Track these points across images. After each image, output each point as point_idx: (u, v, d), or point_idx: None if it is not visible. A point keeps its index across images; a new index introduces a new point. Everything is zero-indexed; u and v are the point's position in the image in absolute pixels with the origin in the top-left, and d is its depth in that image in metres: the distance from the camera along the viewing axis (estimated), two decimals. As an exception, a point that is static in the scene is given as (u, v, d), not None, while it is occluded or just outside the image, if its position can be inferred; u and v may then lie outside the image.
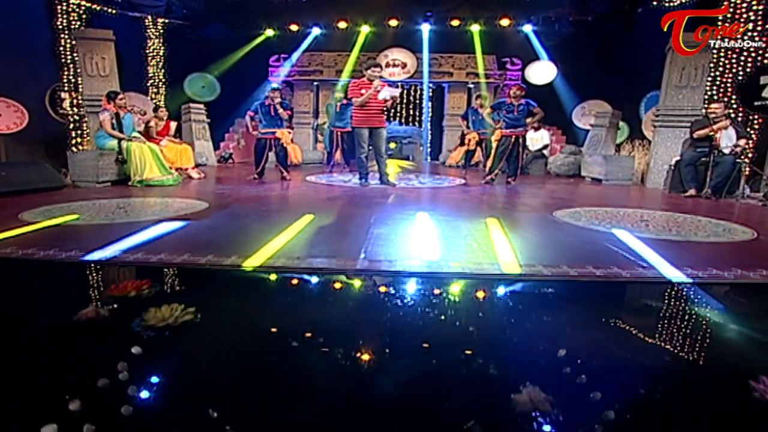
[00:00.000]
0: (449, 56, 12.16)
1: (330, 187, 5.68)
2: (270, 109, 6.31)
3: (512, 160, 6.37)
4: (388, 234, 2.92)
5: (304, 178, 6.78)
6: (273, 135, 6.37)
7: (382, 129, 5.70)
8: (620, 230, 3.18)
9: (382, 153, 5.79)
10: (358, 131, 5.69)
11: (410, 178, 6.97)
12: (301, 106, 12.97)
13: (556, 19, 10.78)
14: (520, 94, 6.14)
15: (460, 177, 7.41)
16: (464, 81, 12.10)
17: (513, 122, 6.18)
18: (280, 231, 2.86)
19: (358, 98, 5.53)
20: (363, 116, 5.60)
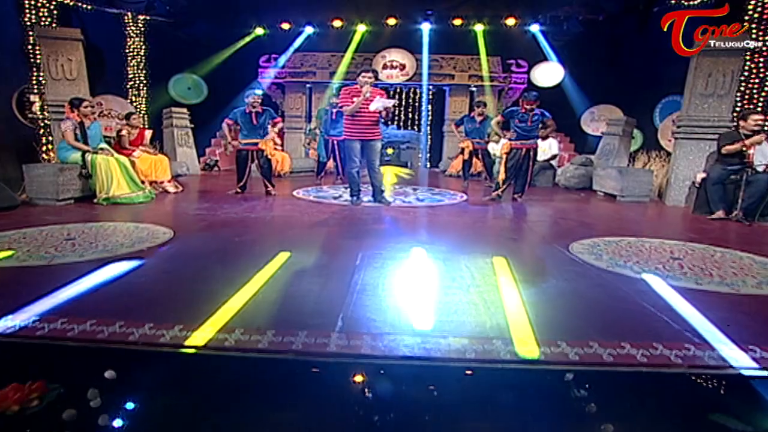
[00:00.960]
0: (450, 57, 11.76)
1: (317, 206, 5.26)
2: (251, 117, 5.89)
3: (521, 174, 5.95)
4: (375, 283, 2.49)
5: (291, 192, 6.35)
6: (255, 146, 5.95)
7: (376, 142, 5.28)
8: (652, 276, 2.76)
9: (375, 168, 5.37)
10: (349, 144, 5.28)
11: (407, 193, 6.55)
12: (293, 109, 12.56)
13: (564, 19, 10.38)
14: (534, 105, 5.73)
15: (460, 191, 7.00)
16: (466, 84, 11.70)
17: (525, 133, 5.77)
18: (247, 280, 2.44)
19: (348, 106, 5.11)
20: (354, 127, 5.19)
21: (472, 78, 11.64)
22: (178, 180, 6.59)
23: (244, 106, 5.94)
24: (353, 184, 5.43)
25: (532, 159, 5.92)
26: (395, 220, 4.47)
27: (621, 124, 7.96)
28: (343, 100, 5.21)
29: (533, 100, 5.73)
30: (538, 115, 5.74)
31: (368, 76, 5.08)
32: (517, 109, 5.90)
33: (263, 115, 5.97)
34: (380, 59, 11.83)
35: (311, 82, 12.36)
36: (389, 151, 12.52)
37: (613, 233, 4.03)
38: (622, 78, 9.93)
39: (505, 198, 6.04)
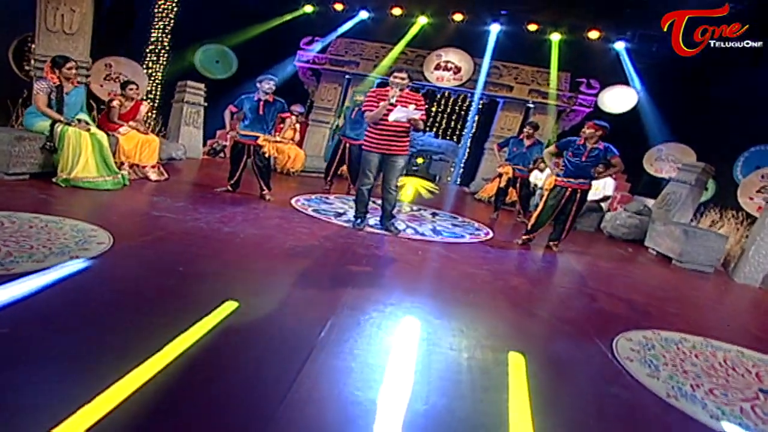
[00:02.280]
0: (514, 66, 10.90)
1: (311, 224, 4.59)
2: (259, 106, 5.26)
3: (561, 219, 5.14)
4: (332, 384, 1.79)
5: (289, 199, 5.71)
6: (254, 140, 5.32)
7: (399, 157, 4.57)
8: (734, 429, 1.96)
9: (391, 188, 4.67)
10: (366, 156, 4.61)
11: (423, 219, 5.81)
12: (324, 100, 11.95)
13: (657, 39, 9.34)
14: (596, 135, 4.90)
15: (487, 224, 6.23)
16: (524, 99, 10.84)
17: (576, 170, 4.96)
18: (143, 358, 1.76)
19: (371, 112, 4.42)
20: (375, 137, 4.51)
21: (533, 93, 10.76)
22: (165, 166, 6.03)
23: (254, 92, 5.33)
24: (360, 204, 4.74)
25: (578, 203, 5.09)
26: (397, 262, 3.75)
27: (696, 171, 6.99)
28: (368, 102, 4.52)
29: (599, 128, 4.90)
30: (600, 150, 4.91)
31: (400, 77, 4.36)
32: (575, 140, 5.09)
33: (273, 107, 5.35)
34: (434, 58, 11.09)
35: (352, 73, 11.70)
36: (419, 161, 11.81)
37: (670, 322, 3.22)
38: (705, 116, 8.90)
39: (539, 241, 5.24)
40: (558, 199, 5.08)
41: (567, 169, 5.03)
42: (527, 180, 6.93)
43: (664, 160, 9.59)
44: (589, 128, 4.94)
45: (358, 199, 4.74)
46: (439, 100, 12.85)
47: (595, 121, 5.02)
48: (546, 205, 5.18)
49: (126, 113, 5.88)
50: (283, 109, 5.49)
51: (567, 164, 5.03)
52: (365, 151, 4.61)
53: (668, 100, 9.46)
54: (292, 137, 8.58)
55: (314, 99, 12.17)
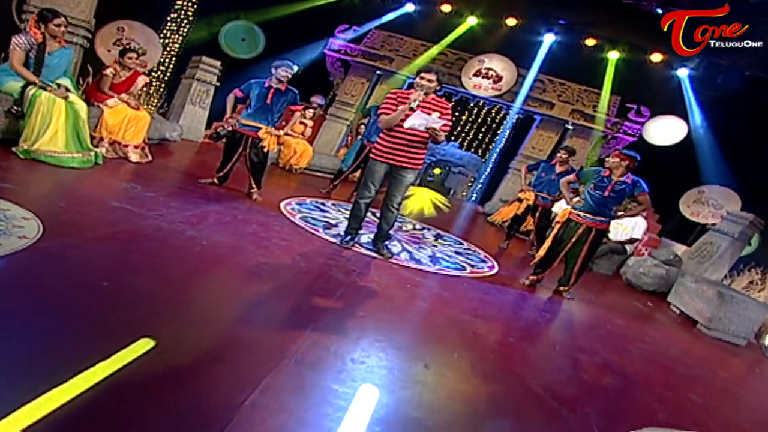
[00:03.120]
0: (560, 82, 10.32)
1: (293, 235, 4.15)
2: (268, 93, 4.84)
3: (573, 261, 4.63)
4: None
5: (280, 200, 5.29)
6: (254, 132, 4.91)
7: (409, 171, 4.07)
8: None
9: (393, 205, 4.20)
10: (371, 165, 4.15)
11: (423, 242, 5.34)
12: (348, 95, 11.51)
13: (725, 69, 8.67)
14: (622, 166, 4.37)
15: (494, 254, 5.75)
16: (564, 119, 10.25)
17: (595, 205, 4.46)
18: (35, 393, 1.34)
19: (387, 115, 3.95)
20: (386, 145, 4.04)
21: (575, 114, 10.18)
22: (154, 147, 5.67)
23: (266, 78, 4.91)
24: (354, 219, 4.29)
25: (590, 243, 4.57)
26: (377, 297, 3.28)
27: (743, 223, 6.38)
28: (385, 104, 4.00)
29: (626, 158, 4.36)
30: (627, 185, 4.39)
31: (427, 78, 3.86)
32: (599, 170, 4.58)
33: (284, 97, 4.93)
34: (475, 63, 10.55)
35: (384, 69, 11.22)
36: (436, 171, 11.34)
37: (694, 417, 2.71)
38: (760, 160, 8.22)
39: (547, 283, 4.75)
40: (569, 234, 4.59)
41: (586, 203, 4.53)
42: (549, 210, 6.38)
43: (704, 203, 8.94)
44: (615, 158, 4.43)
45: (353, 212, 4.29)
46: (471, 109, 12.33)
47: (623, 149, 4.49)
48: (555, 240, 4.70)
49: (120, 84, 5.52)
50: (294, 100, 5.06)
51: (587, 197, 4.54)
52: (372, 159, 4.15)
53: (726, 137, 8.79)
54: (302, 131, 8.19)
55: (337, 92, 11.75)
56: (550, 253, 4.73)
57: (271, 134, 4.99)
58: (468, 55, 10.65)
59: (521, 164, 10.41)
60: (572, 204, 4.72)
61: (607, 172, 4.51)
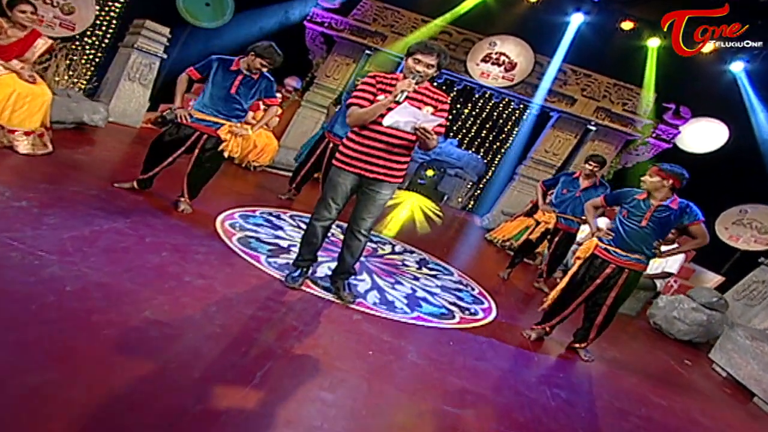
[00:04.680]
0: (586, 74, 9.46)
1: (217, 268, 3.32)
2: (234, 80, 4.00)
3: (595, 311, 3.90)
4: None
5: (219, 213, 4.45)
6: (213, 129, 4.08)
7: (386, 187, 3.25)
8: None
9: (362, 231, 3.40)
10: (334, 176, 3.30)
11: (401, 273, 4.53)
12: (330, 78, 10.62)
13: None
14: (664, 186, 3.60)
15: (491, 288, 5.00)
16: (586, 118, 9.42)
17: (630, 239, 3.71)
18: None
19: (359, 108, 3.11)
20: (356, 149, 3.18)
21: (599, 113, 9.32)
22: (65, 133, 4.79)
23: (236, 58, 4.08)
24: (306, 248, 3.48)
25: (621, 288, 3.81)
26: (318, 377, 2.47)
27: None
28: (359, 92, 3.13)
29: (668, 175, 3.57)
30: (672, 211, 3.62)
31: (425, 62, 3.00)
32: (634, 192, 3.79)
33: (256, 86, 4.11)
34: (485, 46, 9.64)
35: (374, 48, 10.32)
36: (428, 173, 10.55)
37: None
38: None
39: (554, 339, 4.00)
40: (593, 275, 3.84)
41: (617, 235, 3.76)
42: (573, 236, 5.59)
43: (746, 226, 8.28)
44: (653, 175, 3.64)
45: (306, 238, 3.47)
46: (476, 101, 11.50)
47: (663, 165, 3.67)
48: (573, 282, 3.93)
49: (9, 47, 4.51)
50: (269, 91, 4.23)
51: (618, 227, 3.77)
52: (335, 168, 3.30)
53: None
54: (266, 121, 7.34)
55: (317, 74, 10.88)
56: (565, 298, 3.98)
57: (237, 134, 4.16)
58: (477, 36, 9.79)
59: (530, 170, 9.65)
60: (599, 235, 3.94)
61: (643, 194, 3.73)
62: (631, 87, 9.23)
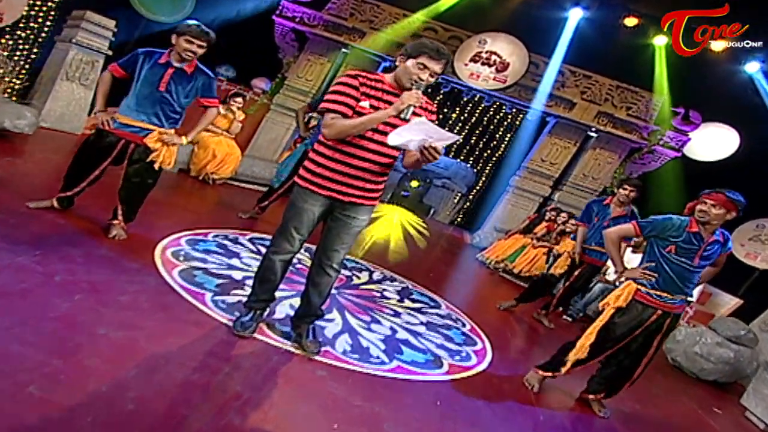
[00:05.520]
0: (586, 75, 9.17)
1: (149, 315, 2.81)
2: (163, 75, 3.51)
3: (632, 360, 3.47)
4: None
5: (160, 238, 3.93)
6: (139, 136, 3.58)
7: (363, 211, 2.81)
8: None
9: (334, 265, 2.91)
10: (298, 202, 2.78)
11: (380, 306, 4.05)
12: (302, 78, 10.17)
13: None
14: (724, 217, 3.15)
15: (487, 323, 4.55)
16: (586, 124, 9.11)
17: (678, 280, 3.26)
18: None
19: (343, 117, 2.58)
20: (328, 167, 2.68)
21: (601, 118, 9.02)
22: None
23: (164, 51, 3.58)
24: (262, 286, 2.99)
25: (665, 334, 3.39)
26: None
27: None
28: (336, 97, 2.60)
29: (732, 204, 3.13)
30: (719, 246, 3.24)
31: (434, 69, 2.55)
32: (680, 222, 3.28)
33: (190, 82, 3.61)
34: (474, 45, 9.28)
35: (351, 46, 9.86)
36: (413, 184, 10.12)
37: None
38: None
39: (564, 388, 3.55)
40: (633, 326, 3.34)
41: (662, 276, 3.28)
42: (598, 269, 5.19)
43: (764, 242, 8.01)
44: (719, 206, 3.13)
45: (262, 275, 2.97)
46: (464, 105, 11.09)
47: (730, 193, 3.15)
48: (608, 336, 3.41)
49: None
50: (208, 89, 3.73)
51: (664, 266, 3.28)
52: (300, 190, 2.78)
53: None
54: (227, 127, 6.86)
55: (287, 74, 10.42)
56: (594, 351, 3.45)
57: (168, 143, 3.65)
58: (465, 33, 9.47)
59: (525, 181, 9.25)
60: (632, 275, 3.45)
61: (693, 225, 3.22)
62: (635, 89, 8.97)
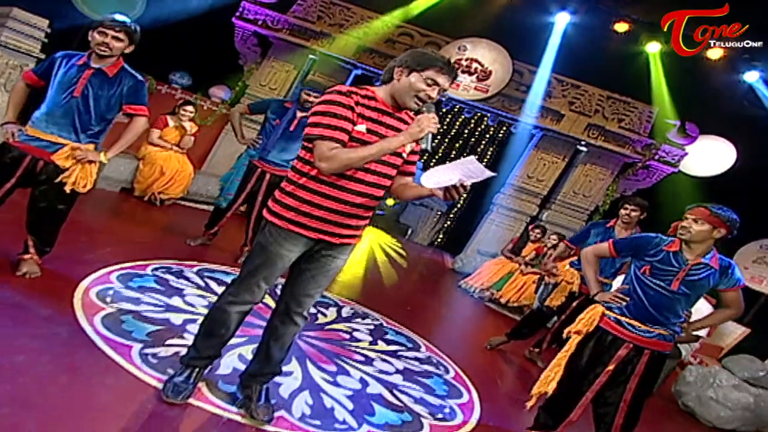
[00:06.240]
0: (575, 85, 9.04)
1: (54, 377, 2.36)
2: (79, 79, 3.09)
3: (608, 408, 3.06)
4: None
5: (85, 274, 3.47)
6: (47, 152, 3.13)
7: (346, 252, 2.52)
8: None
9: (304, 312, 2.55)
10: (273, 245, 2.37)
11: (348, 349, 3.63)
12: (266, 86, 9.89)
13: None
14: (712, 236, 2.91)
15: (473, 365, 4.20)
16: (575, 137, 8.96)
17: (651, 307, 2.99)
18: None
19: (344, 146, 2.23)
20: (317, 204, 2.31)
21: (591, 130, 8.87)
22: None
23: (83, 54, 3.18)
24: (207, 341, 2.56)
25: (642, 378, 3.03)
26: None
27: None
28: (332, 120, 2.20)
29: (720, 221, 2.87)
30: (710, 272, 2.93)
31: (444, 86, 2.32)
32: (658, 240, 3.06)
33: (113, 87, 3.19)
34: (452, 51, 9.11)
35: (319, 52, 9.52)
36: (389, 202, 9.81)
37: None
38: None
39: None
40: (602, 360, 3.05)
41: (633, 301, 3.04)
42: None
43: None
44: (702, 221, 2.89)
45: (210, 328, 2.53)
46: (443, 116, 10.83)
47: (714, 207, 2.91)
48: (575, 369, 3.13)
49: None
50: (134, 95, 3.27)
51: (636, 290, 3.03)
52: (276, 230, 2.36)
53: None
54: (177, 141, 6.43)
55: (249, 82, 10.05)
56: (568, 392, 3.15)
57: (83, 160, 3.20)
58: (443, 39, 9.25)
59: (510, 199, 9.01)
60: (604, 299, 3.18)
61: (674, 244, 2.98)
62: (627, 100, 8.87)
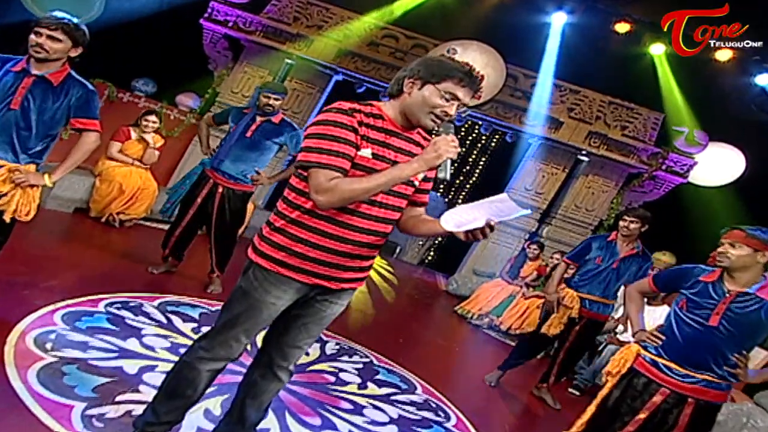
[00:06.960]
0: (574, 90, 8.96)
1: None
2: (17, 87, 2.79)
3: None
4: None
5: (16, 321, 3.10)
6: None
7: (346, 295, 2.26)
8: None
9: (290, 366, 2.31)
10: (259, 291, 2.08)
11: (334, 400, 3.28)
12: (238, 93, 9.75)
13: None
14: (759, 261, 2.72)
15: (477, 412, 3.94)
16: (575, 147, 8.87)
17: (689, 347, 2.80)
18: None
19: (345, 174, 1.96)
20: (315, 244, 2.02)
21: (592, 139, 8.77)
22: None
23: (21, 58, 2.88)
24: (171, 402, 2.23)
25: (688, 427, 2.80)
26: None
27: None
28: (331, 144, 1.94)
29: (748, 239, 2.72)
30: (761, 304, 2.69)
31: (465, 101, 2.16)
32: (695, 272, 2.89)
33: (62, 95, 2.89)
34: (442, 54, 8.83)
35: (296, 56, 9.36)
36: (377, 218, 9.63)
37: None
38: None
39: None
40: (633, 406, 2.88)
41: (669, 339, 2.86)
42: (600, 325, 4.67)
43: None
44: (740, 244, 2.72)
45: (174, 387, 2.21)
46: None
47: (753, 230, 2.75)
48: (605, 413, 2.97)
49: None
50: (83, 107, 2.95)
51: (672, 326, 2.86)
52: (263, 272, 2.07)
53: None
54: (140, 155, 6.11)
55: (220, 89, 9.82)
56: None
57: (23, 184, 2.84)
58: (431, 41, 9.05)
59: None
60: (640, 338, 3.00)
61: (713, 274, 2.79)
62: (631, 106, 8.80)
